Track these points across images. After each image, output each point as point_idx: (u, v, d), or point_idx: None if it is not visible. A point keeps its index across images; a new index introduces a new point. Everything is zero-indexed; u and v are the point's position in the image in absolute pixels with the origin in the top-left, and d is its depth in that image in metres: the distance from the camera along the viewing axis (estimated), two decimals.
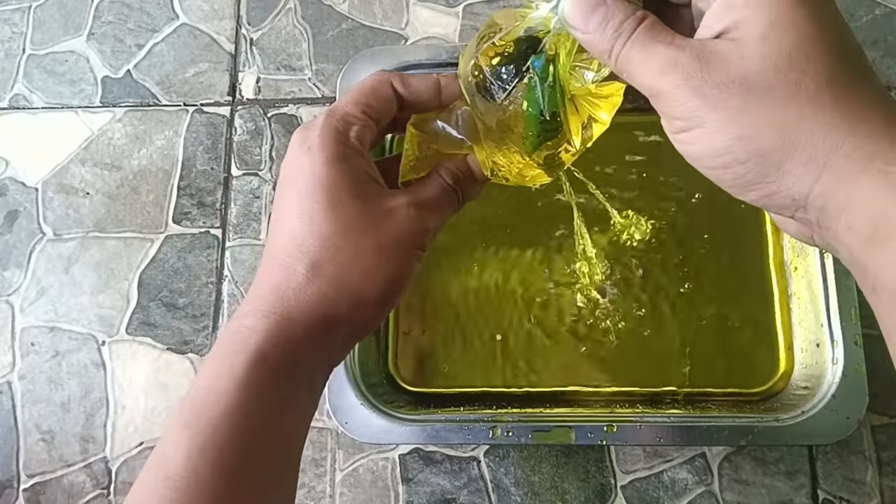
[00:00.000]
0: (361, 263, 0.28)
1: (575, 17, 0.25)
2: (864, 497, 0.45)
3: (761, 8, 0.22)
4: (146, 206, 0.54)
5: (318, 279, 0.27)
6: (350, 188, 0.28)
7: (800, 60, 0.21)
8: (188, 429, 0.26)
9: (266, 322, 0.27)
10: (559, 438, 0.42)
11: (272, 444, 0.27)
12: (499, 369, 0.48)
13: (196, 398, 0.27)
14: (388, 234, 0.28)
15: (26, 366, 0.52)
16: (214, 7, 0.58)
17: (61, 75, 0.57)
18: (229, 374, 0.26)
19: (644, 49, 0.24)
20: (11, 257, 0.54)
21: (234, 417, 0.26)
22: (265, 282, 0.28)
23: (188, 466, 0.25)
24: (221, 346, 0.28)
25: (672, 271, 0.49)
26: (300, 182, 0.28)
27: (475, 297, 0.49)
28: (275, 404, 0.27)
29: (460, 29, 0.56)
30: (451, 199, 0.31)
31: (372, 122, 0.30)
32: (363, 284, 0.28)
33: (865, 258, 0.21)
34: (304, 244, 0.28)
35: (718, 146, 0.22)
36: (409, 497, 0.47)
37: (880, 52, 0.53)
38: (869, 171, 0.21)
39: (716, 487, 0.46)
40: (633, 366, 0.47)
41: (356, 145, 0.29)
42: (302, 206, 0.28)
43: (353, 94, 0.30)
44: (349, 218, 0.28)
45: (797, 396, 0.44)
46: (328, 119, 0.29)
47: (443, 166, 0.31)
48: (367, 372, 0.46)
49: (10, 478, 0.50)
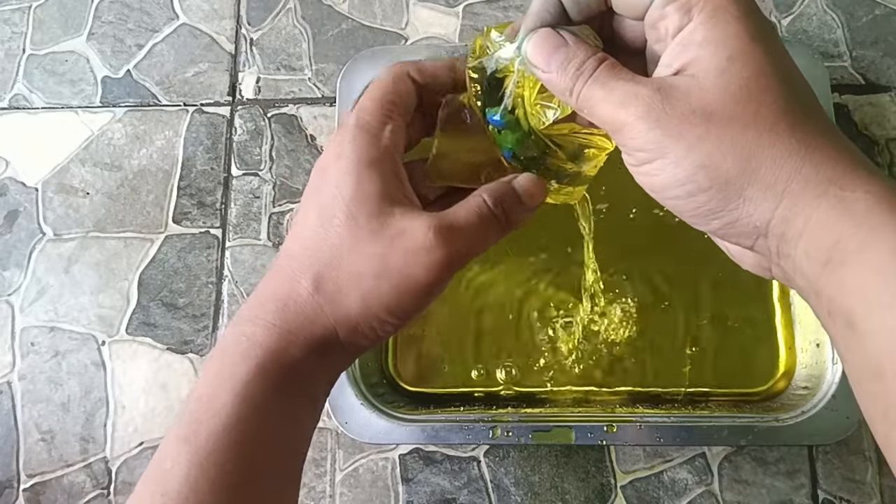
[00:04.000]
0: (360, 287, 0.27)
1: (537, 58, 0.26)
2: (864, 497, 0.45)
3: (719, 45, 0.23)
4: (146, 206, 0.54)
5: (318, 296, 0.27)
6: (370, 202, 0.27)
7: (758, 91, 0.22)
8: (187, 444, 0.25)
9: (266, 334, 0.27)
10: (559, 438, 0.42)
11: (273, 460, 0.27)
12: (499, 369, 0.48)
13: (195, 410, 0.26)
14: (395, 259, 0.26)
15: (26, 366, 0.52)
16: (214, 7, 0.58)
17: (61, 75, 0.57)
18: (229, 388, 0.26)
19: (605, 85, 0.24)
20: (11, 257, 0.54)
21: (234, 432, 0.25)
22: (269, 288, 0.28)
23: (187, 482, 0.25)
24: (221, 355, 0.27)
25: (672, 271, 0.49)
26: (324, 191, 0.27)
27: (476, 297, 0.49)
28: (276, 418, 0.27)
29: (460, 29, 0.56)
30: (489, 224, 0.28)
31: (400, 119, 0.29)
32: (357, 312, 0.27)
33: (821, 283, 0.22)
34: (313, 256, 0.27)
35: (681, 175, 0.23)
36: (409, 497, 0.47)
37: (880, 52, 0.53)
38: (825, 196, 0.21)
39: (716, 487, 0.46)
40: (633, 366, 0.47)
41: (389, 148, 0.28)
42: (321, 217, 0.27)
43: (373, 90, 0.29)
44: (360, 235, 0.26)
45: (797, 396, 0.44)
46: (357, 123, 0.28)
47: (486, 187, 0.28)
48: (367, 372, 0.46)
49: (10, 478, 0.50)
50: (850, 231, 0.21)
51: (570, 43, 0.25)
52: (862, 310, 0.21)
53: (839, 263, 0.21)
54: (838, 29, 0.53)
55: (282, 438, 0.27)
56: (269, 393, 0.26)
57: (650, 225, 0.49)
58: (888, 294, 0.20)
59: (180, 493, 0.25)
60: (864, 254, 0.20)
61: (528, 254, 0.50)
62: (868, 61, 0.53)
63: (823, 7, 0.54)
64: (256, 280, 0.52)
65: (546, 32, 0.26)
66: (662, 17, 0.24)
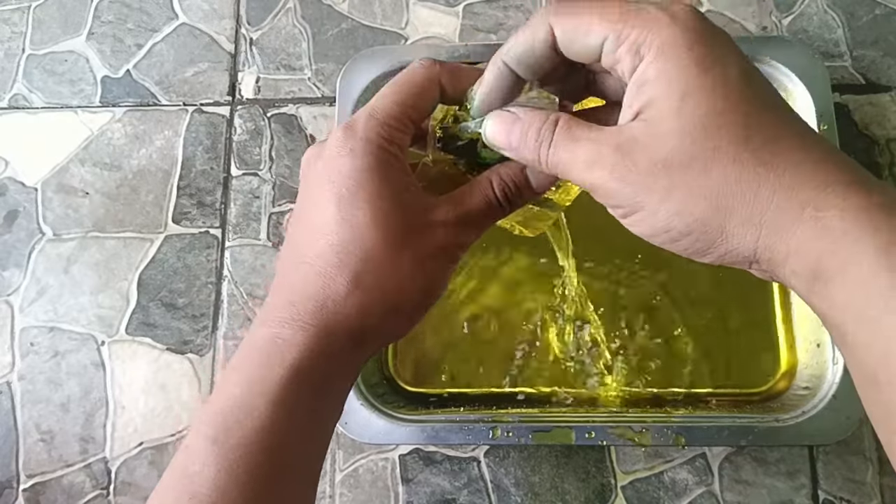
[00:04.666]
0: (399, 276, 0.27)
1: (497, 139, 0.27)
2: (864, 497, 0.45)
3: (672, 81, 0.22)
4: (146, 206, 0.54)
5: (358, 291, 0.26)
6: (392, 197, 0.27)
7: (714, 128, 0.22)
8: (216, 445, 0.25)
9: (304, 335, 0.26)
10: (559, 438, 0.42)
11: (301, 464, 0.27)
12: (499, 369, 0.48)
13: (225, 411, 0.26)
14: (427, 249, 0.27)
15: (26, 366, 0.52)
16: (214, 7, 0.58)
17: (61, 75, 0.57)
18: (263, 390, 0.26)
19: (567, 149, 0.25)
20: (11, 257, 0.54)
21: (266, 436, 0.25)
22: (299, 289, 0.27)
23: (216, 486, 0.24)
24: (253, 356, 0.27)
25: (672, 271, 0.49)
26: (339, 184, 0.27)
27: (476, 297, 0.49)
28: (306, 421, 0.27)
29: (460, 29, 0.55)
30: (495, 213, 0.29)
31: (412, 127, 0.28)
32: (399, 297, 0.27)
33: (812, 301, 0.22)
34: (344, 252, 0.26)
35: (660, 225, 0.23)
36: (409, 497, 0.47)
37: (880, 52, 0.53)
38: (801, 220, 0.21)
39: (716, 488, 0.46)
40: (633, 366, 0.47)
41: (397, 152, 0.27)
42: (342, 211, 0.26)
43: (398, 90, 0.28)
44: (390, 230, 0.26)
45: (797, 396, 0.44)
46: (371, 121, 0.27)
47: (495, 174, 0.29)
48: (367, 372, 0.46)
49: (9, 478, 0.50)
50: (829, 251, 0.21)
51: (521, 115, 0.26)
52: (851, 324, 0.21)
53: (825, 282, 0.21)
54: (838, 29, 0.53)
55: (311, 442, 0.27)
56: (302, 398, 0.26)
57: None
58: (874, 308, 0.20)
59: (210, 497, 0.24)
60: (846, 272, 0.21)
61: (530, 255, 0.50)
62: (868, 61, 0.53)
63: (823, 7, 0.54)
64: (256, 280, 0.52)
65: (496, 114, 0.27)
66: (616, 60, 0.24)
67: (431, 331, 0.49)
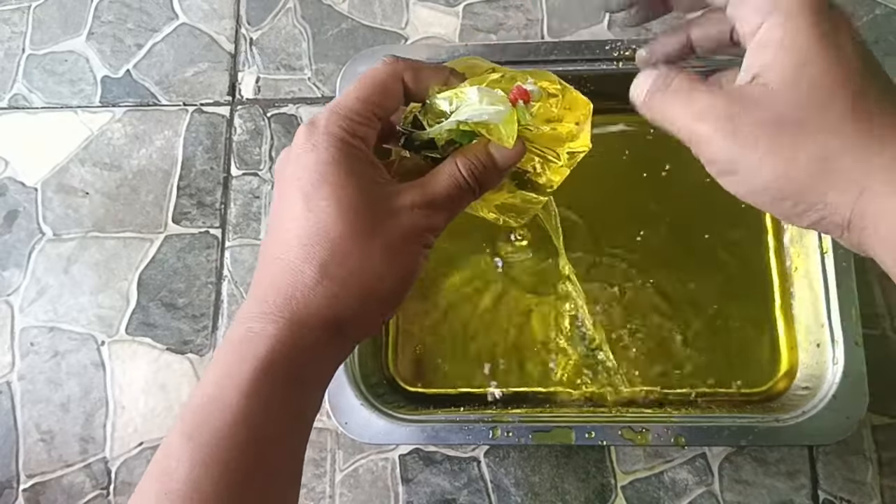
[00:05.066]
0: (369, 264, 0.27)
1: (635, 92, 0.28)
2: (864, 497, 0.45)
3: (793, 48, 0.23)
4: (146, 206, 0.54)
5: (327, 281, 0.27)
6: (356, 186, 0.27)
7: (829, 98, 0.23)
8: (191, 441, 0.25)
9: (274, 327, 0.26)
10: (559, 438, 0.42)
11: (278, 458, 0.27)
12: (499, 370, 0.48)
13: (199, 406, 0.26)
14: (396, 235, 0.27)
15: (26, 366, 0.52)
16: (214, 7, 0.58)
17: (61, 75, 0.57)
18: (235, 384, 0.26)
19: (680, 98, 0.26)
20: (11, 257, 0.54)
21: (239, 429, 0.25)
22: (269, 283, 0.27)
23: (190, 481, 0.24)
24: (227, 353, 0.27)
25: (672, 272, 0.49)
26: (305, 179, 0.27)
27: (476, 297, 0.49)
28: (281, 413, 0.27)
29: (460, 29, 0.55)
30: (464, 195, 0.29)
31: (377, 122, 0.29)
32: (371, 285, 0.27)
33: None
34: (310, 244, 0.27)
35: (759, 184, 0.24)
36: (409, 497, 0.47)
37: (880, 52, 0.53)
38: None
39: (716, 488, 0.46)
40: (633, 366, 0.47)
41: (360, 145, 0.28)
42: (308, 203, 0.27)
43: (360, 87, 0.29)
44: (357, 218, 0.27)
45: (797, 396, 0.44)
46: (332, 117, 0.28)
47: (460, 155, 0.29)
48: (367, 372, 0.46)
49: (9, 478, 0.50)
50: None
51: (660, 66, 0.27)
52: None
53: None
54: None
55: (287, 435, 0.27)
56: (276, 389, 0.26)
57: (650, 226, 0.49)
58: None
59: (183, 493, 0.24)
60: None
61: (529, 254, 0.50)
62: None
63: None
64: None
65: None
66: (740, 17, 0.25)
67: (431, 331, 0.49)
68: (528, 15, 0.55)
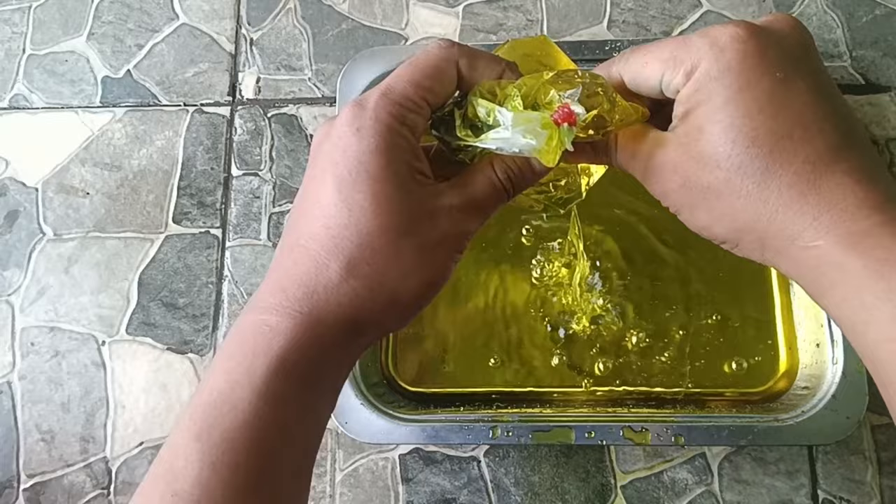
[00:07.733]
0: (399, 265, 0.25)
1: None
2: (864, 497, 0.45)
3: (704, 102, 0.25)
4: (146, 206, 0.54)
5: (353, 279, 0.25)
6: (396, 182, 0.25)
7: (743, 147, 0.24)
8: (199, 441, 0.24)
9: (291, 322, 0.25)
10: (559, 438, 0.42)
11: (289, 459, 0.25)
12: (499, 369, 0.48)
13: (209, 404, 0.25)
14: (430, 237, 0.26)
15: (26, 366, 0.52)
16: (214, 7, 0.58)
17: (61, 75, 0.57)
18: (248, 382, 0.24)
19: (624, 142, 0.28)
20: (11, 257, 0.54)
21: (251, 431, 0.24)
22: (291, 273, 0.26)
23: (199, 483, 0.23)
24: (239, 344, 0.25)
25: (673, 272, 0.49)
26: (342, 166, 0.25)
27: (475, 296, 0.49)
28: (295, 414, 0.25)
29: (460, 29, 0.56)
30: (500, 197, 0.28)
31: (428, 110, 0.27)
32: (399, 287, 0.26)
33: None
34: (339, 237, 0.25)
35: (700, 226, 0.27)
36: (409, 497, 0.47)
37: (880, 52, 0.53)
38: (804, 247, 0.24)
39: (716, 487, 0.46)
40: (633, 366, 0.47)
41: (408, 135, 0.26)
42: (342, 193, 0.25)
43: (413, 71, 0.27)
44: (391, 215, 0.25)
45: (797, 396, 0.44)
46: (383, 100, 0.26)
47: (497, 157, 0.27)
48: (367, 372, 0.46)
49: (10, 478, 0.50)
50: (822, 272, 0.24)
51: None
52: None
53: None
54: (838, 29, 0.53)
55: (300, 436, 0.26)
56: (291, 388, 0.25)
57: (650, 226, 0.49)
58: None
59: (192, 495, 0.23)
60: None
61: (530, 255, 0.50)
62: (868, 61, 0.53)
63: (823, 7, 0.54)
64: (257, 280, 0.52)
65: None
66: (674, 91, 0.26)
67: (431, 330, 0.49)
68: (528, 15, 0.55)
